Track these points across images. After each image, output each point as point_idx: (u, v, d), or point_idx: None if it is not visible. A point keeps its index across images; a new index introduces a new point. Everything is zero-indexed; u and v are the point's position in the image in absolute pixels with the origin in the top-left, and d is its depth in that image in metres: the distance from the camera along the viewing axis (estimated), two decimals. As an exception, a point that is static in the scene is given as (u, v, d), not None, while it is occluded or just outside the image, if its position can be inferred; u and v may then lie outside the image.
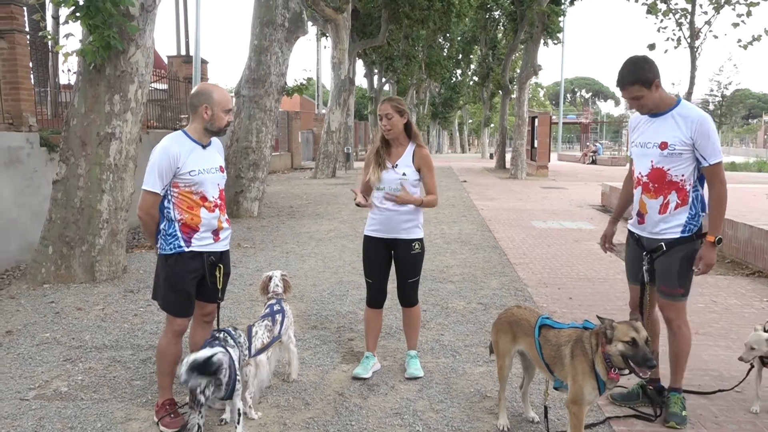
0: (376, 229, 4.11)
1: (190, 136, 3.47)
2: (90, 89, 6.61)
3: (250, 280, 6.78)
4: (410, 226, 4.06)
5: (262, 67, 11.56)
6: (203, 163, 3.45)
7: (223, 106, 3.46)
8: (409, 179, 4.00)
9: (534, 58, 22.66)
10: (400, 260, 4.11)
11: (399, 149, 4.06)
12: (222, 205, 3.57)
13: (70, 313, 5.60)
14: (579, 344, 3.02)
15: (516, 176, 23.11)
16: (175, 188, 3.41)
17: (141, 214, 3.43)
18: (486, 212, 12.85)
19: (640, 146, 3.52)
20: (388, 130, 3.99)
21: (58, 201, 6.63)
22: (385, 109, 3.99)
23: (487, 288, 6.55)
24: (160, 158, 3.36)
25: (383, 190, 4.01)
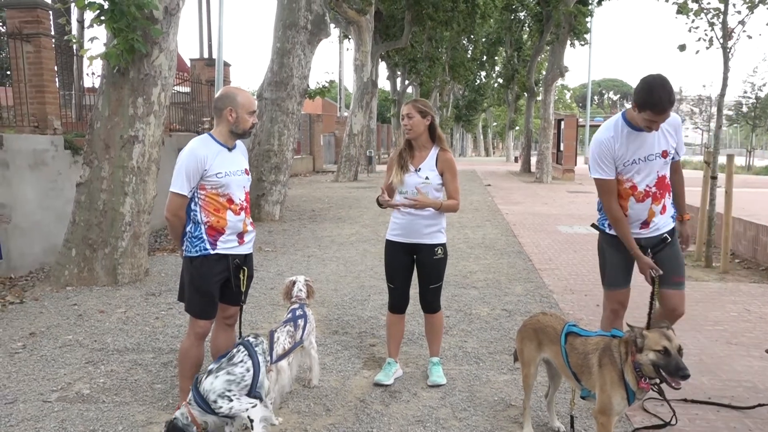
0: (398, 233, 4.10)
1: (216, 139, 3.52)
2: (114, 92, 6.72)
3: (271, 284, 6.82)
4: (433, 231, 4.04)
5: (284, 70, 11.65)
6: (229, 166, 3.49)
7: (247, 108, 3.51)
8: (432, 183, 3.99)
9: (560, 60, 22.49)
10: (422, 265, 4.10)
11: (423, 152, 4.06)
12: (247, 207, 3.61)
13: (92, 315, 5.69)
14: (607, 353, 2.98)
15: (541, 180, 22.93)
16: (202, 190, 3.46)
17: (168, 216, 3.48)
18: (510, 217, 12.77)
19: (643, 160, 3.55)
20: (408, 129, 4.00)
21: (82, 203, 6.75)
22: (407, 110, 4.01)
23: (512, 294, 6.50)
24: (187, 160, 3.40)
25: (405, 193, 4.01)
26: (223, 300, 3.63)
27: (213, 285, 3.49)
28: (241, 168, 3.57)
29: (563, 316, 4.00)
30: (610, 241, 3.76)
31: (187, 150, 3.45)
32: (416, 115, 3.99)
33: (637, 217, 3.65)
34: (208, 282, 3.47)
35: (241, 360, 3.17)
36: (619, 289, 3.78)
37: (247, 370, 3.13)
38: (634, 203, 3.62)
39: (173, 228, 3.54)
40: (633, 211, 3.64)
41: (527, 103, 31.87)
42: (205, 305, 3.51)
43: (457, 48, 39.67)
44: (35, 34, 8.03)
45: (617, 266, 3.77)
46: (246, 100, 3.51)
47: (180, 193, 3.42)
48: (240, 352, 3.21)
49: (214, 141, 3.51)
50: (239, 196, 3.53)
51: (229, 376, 3.10)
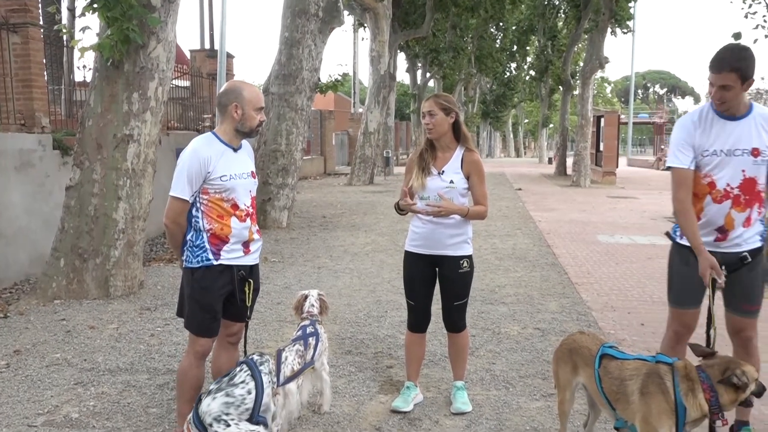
0: (418, 244, 4.09)
1: (220, 138, 3.54)
2: (107, 87, 6.81)
3: (277, 299, 6.85)
4: (458, 241, 4.02)
5: (293, 62, 11.73)
6: (235, 168, 3.52)
7: (255, 104, 3.53)
8: (457, 188, 3.97)
9: (600, 50, 22.39)
10: (446, 280, 4.08)
11: (446, 153, 4.05)
12: (253, 214, 3.63)
13: (82, 331, 5.75)
14: (654, 380, 2.95)
15: (578, 184, 22.81)
16: (205, 195, 3.48)
17: (167, 223, 3.51)
18: (544, 224, 12.71)
19: (726, 154, 3.41)
20: (430, 128, 3.99)
21: (71, 209, 6.84)
22: (429, 106, 3.98)
23: (545, 311, 6.46)
24: (190, 162, 3.43)
25: (427, 199, 3.99)
26: (226, 316, 3.65)
27: (216, 299, 3.51)
28: (247, 170, 3.59)
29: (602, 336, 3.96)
30: (681, 251, 3.61)
31: (189, 150, 3.48)
32: (439, 112, 3.97)
33: (712, 222, 3.46)
34: (211, 296, 3.49)
35: (242, 380, 3.17)
36: (685, 308, 3.61)
37: (248, 392, 3.14)
38: (710, 203, 3.45)
39: (172, 236, 3.57)
40: (708, 215, 3.47)
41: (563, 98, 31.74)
42: (207, 321, 3.53)
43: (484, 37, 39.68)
44: (22, 24, 8.15)
45: (686, 282, 3.58)
46: (253, 95, 3.53)
47: (181, 197, 3.44)
48: (242, 371, 3.22)
49: (219, 140, 3.53)
50: (245, 202, 3.55)
51: (227, 398, 3.11)
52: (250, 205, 3.59)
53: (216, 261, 3.49)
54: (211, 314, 3.52)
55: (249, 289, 3.60)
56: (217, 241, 3.49)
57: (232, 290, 3.55)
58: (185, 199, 3.45)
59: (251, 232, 3.59)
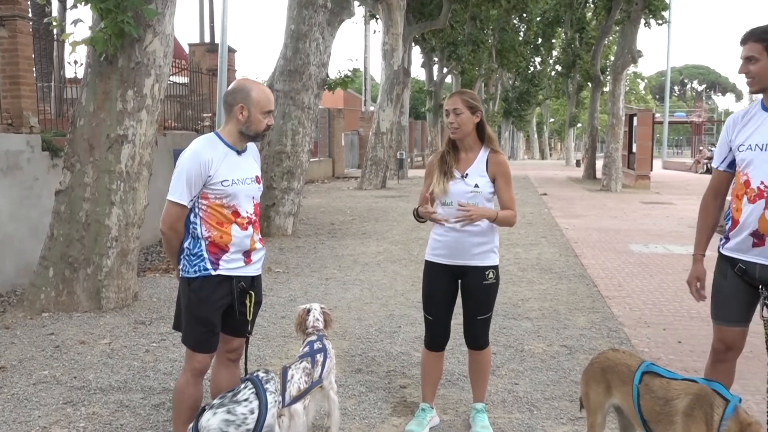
0: (441, 253, 4.07)
1: (223, 139, 3.56)
2: (100, 84, 6.87)
3: (282, 312, 6.87)
4: (484, 251, 4.01)
5: (299, 56, 11.78)
6: (238, 172, 3.53)
7: (263, 107, 3.54)
8: (483, 192, 3.96)
9: (632, 42, 22.33)
10: (469, 292, 4.06)
11: (469, 155, 4.04)
12: (256, 221, 3.64)
13: (72, 347, 5.79)
14: (703, 405, 2.89)
15: (609, 188, 22.72)
16: (204, 200, 3.50)
17: (164, 229, 3.53)
18: (571, 232, 12.68)
19: (759, 148, 3.39)
20: (455, 128, 3.97)
21: (61, 214, 6.89)
22: (454, 103, 3.97)
23: (573, 327, 6.44)
24: (189, 164, 3.45)
25: (450, 205, 3.98)
26: (226, 330, 3.66)
27: (214, 312, 3.52)
28: (251, 175, 3.61)
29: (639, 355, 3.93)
30: (720, 262, 3.60)
31: (189, 151, 3.50)
32: (465, 110, 3.95)
33: (747, 226, 3.41)
34: (208, 308, 3.51)
35: (246, 398, 3.18)
36: (722, 323, 3.57)
37: (250, 412, 3.15)
38: (745, 203, 3.42)
39: (169, 244, 3.59)
40: (743, 216, 3.43)
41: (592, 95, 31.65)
42: (205, 336, 3.54)
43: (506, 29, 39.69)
44: (10, 17, 8.24)
45: (727, 295, 3.54)
46: (262, 97, 3.54)
47: (179, 202, 3.46)
48: (247, 389, 3.23)
49: (221, 142, 3.55)
50: (247, 209, 3.57)
51: (228, 415, 3.12)
52: (252, 213, 3.60)
53: (214, 271, 3.50)
54: (209, 328, 3.53)
55: (250, 302, 3.61)
56: (216, 249, 3.50)
57: (231, 303, 3.56)
58: (183, 204, 3.46)
59: (253, 240, 3.60)
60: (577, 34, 35.51)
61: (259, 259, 3.69)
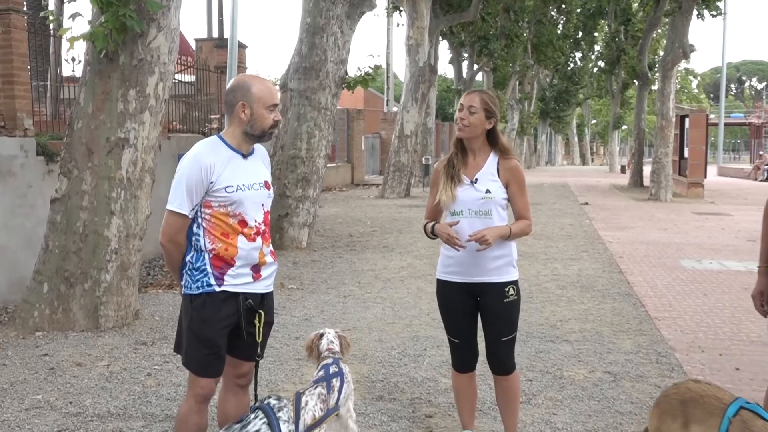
0: (454, 271, 4.06)
1: (227, 142, 3.58)
2: (100, 83, 6.94)
3: (296, 333, 6.88)
4: (501, 264, 4.00)
5: (315, 53, 11.84)
6: (243, 177, 3.54)
7: (266, 102, 3.54)
8: (495, 198, 3.94)
9: (683, 36, 22.18)
10: (489, 312, 4.06)
11: (478, 159, 4.03)
12: (266, 232, 3.64)
13: (67, 369, 5.84)
14: None
15: (658, 197, 22.55)
16: (207, 209, 3.51)
17: (163, 242, 3.55)
18: (616, 246, 12.59)
19: None
20: (464, 125, 3.96)
21: (57, 225, 6.96)
22: (471, 100, 3.96)
23: (618, 351, 6.39)
24: (189, 170, 3.47)
25: (460, 214, 3.97)
26: (234, 353, 3.67)
27: (218, 332, 3.53)
28: (259, 180, 3.62)
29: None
30: None
31: (189, 156, 3.52)
32: (480, 111, 3.95)
33: None
34: (212, 328, 3.51)
35: (257, 429, 3.19)
36: None
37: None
38: None
39: (170, 257, 3.61)
40: None
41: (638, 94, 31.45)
42: (208, 358, 3.55)
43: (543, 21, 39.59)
44: (4, 11, 8.35)
45: None
46: (264, 91, 3.55)
47: (178, 212, 3.48)
48: (258, 419, 3.24)
49: (225, 145, 3.57)
50: (255, 218, 3.57)
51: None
52: (262, 222, 3.60)
53: (219, 287, 3.50)
54: (213, 350, 3.53)
55: (260, 322, 3.60)
56: (221, 263, 3.51)
57: (237, 322, 3.56)
58: (183, 213, 3.48)
59: (262, 254, 3.60)
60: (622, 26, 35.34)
61: (270, 275, 3.68)
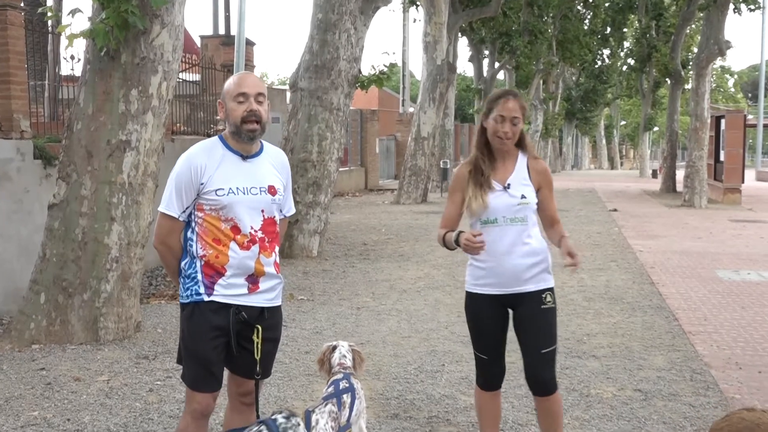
0: (488, 283, 4.02)
1: (225, 142, 3.63)
2: (100, 82, 6.99)
3: (306, 347, 6.88)
4: (539, 272, 3.99)
5: (327, 50, 11.86)
6: (239, 180, 3.55)
7: (231, 93, 3.57)
8: (530, 204, 3.95)
9: (719, 32, 22.07)
10: (527, 322, 4.01)
11: (507, 163, 4.02)
12: (266, 240, 3.61)
13: (65, 384, 5.86)
14: None
15: (692, 203, 22.44)
16: (200, 212, 3.56)
17: (156, 244, 3.64)
18: (647, 256, 12.53)
19: None
20: (508, 138, 3.93)
21: (55, 232, 7.00)
22: (513, 109, 3.89)
23: (649, 368, 6.35)
24: (179, 170, 3.55)
25: (494, 223, 3.96)
26: (236, 370, 3.69)
27: (208, 345, 3.52)
28: (260, 184, 3.60)
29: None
30: None
31: (183, 156, 3.59)
32: (521, 121, 3.94)
33: None
34: (200, 341, 3.52)
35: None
36: None
37: None
38: None
39: (163, 260, 3.69)
40: None
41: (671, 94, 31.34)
42: (200, 373, 3.56)
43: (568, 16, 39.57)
44: (0, 6, 8.43)
45: None
46: (231, 83, 3.62)
47: (167, 213, 3.55)
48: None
49: (222, 145, 3.61)
50: (251, 224, 3.56)
51: None
52: (259, 229, 3.58)
53: (208, 296, 3.51)
54: (203, 364, 3.54)
55: (258, 338, 3.57)
56: (211, 271, 3.52)
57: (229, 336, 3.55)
58: (172, 215, 3.54)
59: (260, 263, 3.58)
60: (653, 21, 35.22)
61: (272, 289, 3.66)
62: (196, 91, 14.81)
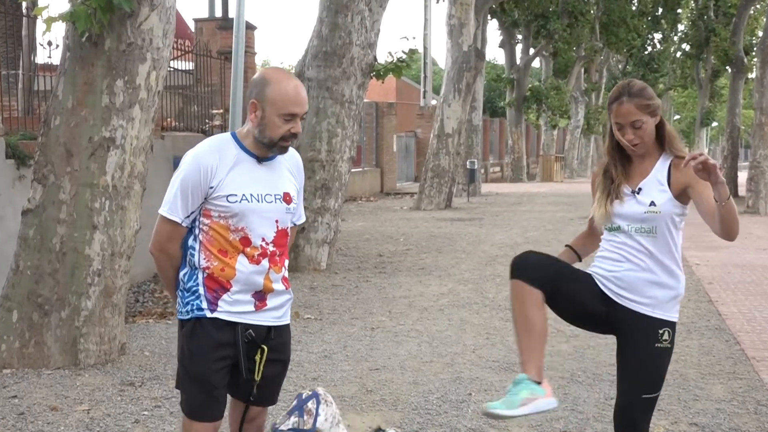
0: (607, 285, 3.82)
1: (239, 141, 3.58)
2: (81, 72, 7.00)
3: (313, 372, 6.87)
4: (662, 297, 3.76)
5: (338, 34, 11.86)
6: (253, 186, 3.53)
7: (279, 109, 3.46)
8: (662, 213, 3.73)
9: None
10: (631, 354, 3.84)
11: (645, 163, 3.84)
12: (277, 254, 3.61)
13: (40, 414, 5.86)
14: None
15: (756, 210, 22.31)
16: (206, 218, 3.53)
17: (152, 250, 3.60)
18: (704, 269, 12.48)
19: None
20: (635, 145, 3.76)
21: (29, 241, 7.02)
22: (630, 114, 3.69)
23: (706, 398, 6.31)
24: (187, 170, 3.50)
25: (618, 230, 3.81)
26: (237, 394, 3.69)
27: (210, 367, 3.52)
28: (275, 191, 3.60)
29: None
30: None
31: (190, 154, 3.55)
32: (647, 119, 3.71)
33: None
34: (202, 362, 3.52)
35: None
36: None
37: None
38: None
39: (160, 270, 3.68)
40: None
41: (732, 85, 31.19)
42: (200, 398, 3.56)
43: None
44: (-31, -14, 8.51)
45: None
46: (280, 95, 3.46)
47: (170, 218, 3.51)
48: None
49: (236, 145, 3.57)
50: (264, 235, 3.55)
51: None
52: (272, 242, 3.57)
53: (211, 313, 3.51)
54: (205, 389, 3.54)
55: (261, 358, 3.57)
56: (215, 285, 3.51)
57: (235, 358, 3.54)
58: (175, 220, 3.51)
59: (269, 279, 3.57)
60: (712, 2, 35.10)
61: (280, 306, 3.66)
62: (189, 82, 14.85)
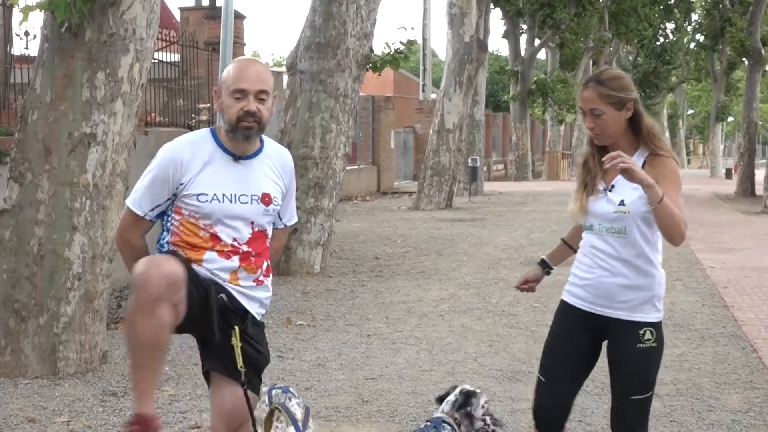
0: (577, 294, 4.02)
1: (217, 138, 3.67)
2: (60, 64, 7.00)
3: (306, 382, 6.87)
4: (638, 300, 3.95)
5: (332, 24, 11.86)
6: (227, 185, 3.60)
7: (228, 86, 3.60)
8: (632, 213, 3.82)
9: (807, 1, 22.02)
10: (616, 359, 4.00)
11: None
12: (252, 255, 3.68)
13: (17, 426, 5.86)
14: None
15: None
16: (177, 214, 3.64)
17: (116, 237, 3.80)
18: (719, 273, 12.50)
19: None
20: (597, 135, 3.87)
21: (6, 243, 7.02)
22: (590, 101, 3.80)
23: (722, 409, 6.33)
24: (158, 165, 3.62)
25: (590, 230, 3.95)
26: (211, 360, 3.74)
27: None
28: (252, 192, 3.65)
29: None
30: None
31: (165, 147, 3.67)
32: (608, 108, 3.78)
33: None
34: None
35: None
36: None
37: None
38: None
39: (124, 260, 3.79)
40: None
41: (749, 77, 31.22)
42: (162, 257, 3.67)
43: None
44: (-59, -27, 8.50)
45: None
46: (231, 75, 3.62)
47: (132, 209, 3.65)
48: None
49: (213, 141, 3.66)
50: (235, 236, 3.62)
51: None
52: (245, 243, 3.64)
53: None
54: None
55: (236, 339, 3.59)
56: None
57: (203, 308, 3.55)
58: (137, 213, 3.63)
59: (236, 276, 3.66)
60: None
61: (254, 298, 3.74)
62: (174, 74, 14.84)
